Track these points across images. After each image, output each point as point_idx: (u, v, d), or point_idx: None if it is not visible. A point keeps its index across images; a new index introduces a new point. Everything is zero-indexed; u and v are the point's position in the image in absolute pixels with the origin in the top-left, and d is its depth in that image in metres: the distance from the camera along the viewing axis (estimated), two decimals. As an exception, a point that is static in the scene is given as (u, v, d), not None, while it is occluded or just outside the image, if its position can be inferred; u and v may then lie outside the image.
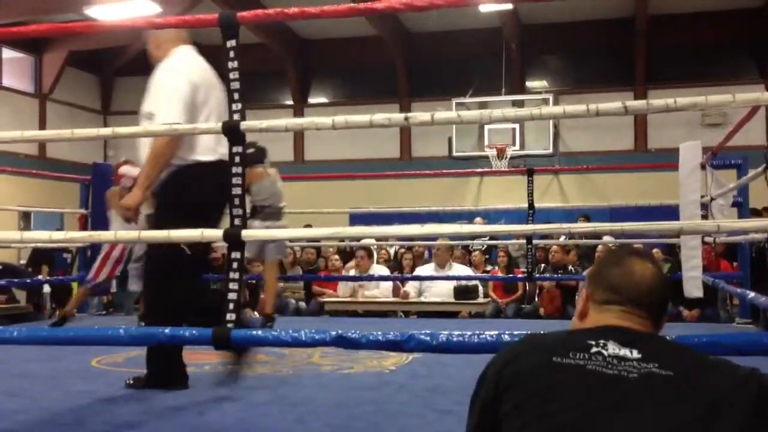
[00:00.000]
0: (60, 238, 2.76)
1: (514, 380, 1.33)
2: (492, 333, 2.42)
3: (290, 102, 14.84)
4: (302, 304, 8.50)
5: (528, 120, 2.49)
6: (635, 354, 1.32)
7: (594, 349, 1.33)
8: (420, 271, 8.10)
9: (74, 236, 2.89)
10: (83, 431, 2.92)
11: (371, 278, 7.85)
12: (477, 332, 2.46)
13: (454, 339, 2.46)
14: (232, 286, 2.81)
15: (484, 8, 11.57)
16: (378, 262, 8.54)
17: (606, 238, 8.00)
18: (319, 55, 14.74)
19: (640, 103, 2.51)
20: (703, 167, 5.56)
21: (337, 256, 8.84)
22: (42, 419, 3.09)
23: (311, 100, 15.05)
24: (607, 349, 1.33)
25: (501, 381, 1.35)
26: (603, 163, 11.51)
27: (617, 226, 2.44)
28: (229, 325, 2.74)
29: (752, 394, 1.27)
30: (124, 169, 5.88)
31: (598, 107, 2.37)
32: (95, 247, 6.89)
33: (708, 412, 1.24)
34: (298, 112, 14.42)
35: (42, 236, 2.77)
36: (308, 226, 8.74)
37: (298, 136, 14.30)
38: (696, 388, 1.27)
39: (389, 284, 8.05)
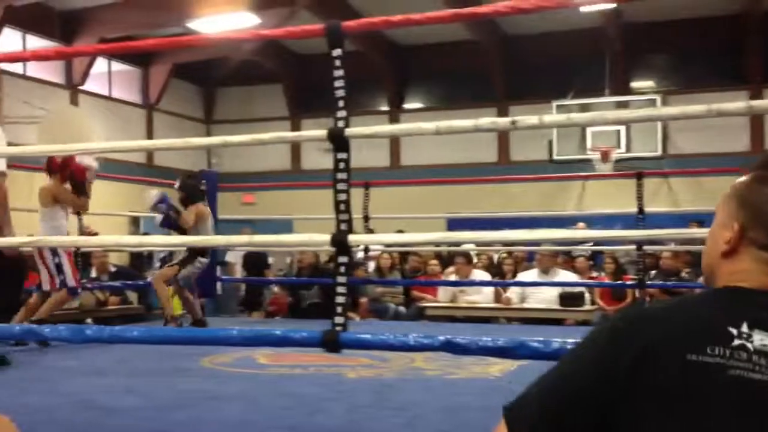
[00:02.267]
0: (176, 242, 2.85)
1: (645, 377, 1.05)
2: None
3: (386, 108, 14.94)
4: (401, 308, 8.52)
5: (644, 121, 2.41)
6: None
7: (736, 342, 1.05)
8: (523, 276, 7.98)
9: (189, 240, 2.98)
10: (198, 429, 3.02)
11: (471, 283, 7.79)
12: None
13: (568, 347, 2.39)
14: (340, 289, 2.84)
15: (585, 8, 11.33)
16: (478, 267, 8.47)
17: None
18: (415, 60, 14.80)
19: (766, 103, 2.38)
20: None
21: (435, 261, 8.82)
22: (158, 416, 3.20)
23: (407, 106, 15.11)
24: (752, 341, 1.06)
25: (636, 368, 1.06)
26: (716, 165, 11.05)
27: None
28: (338, 328, 2.77)
29: None
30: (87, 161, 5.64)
31: (720, 107, 2.28)
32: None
33: None
34: (394, 118, 14.50)
35: (159, 241, 2.87)
36: (400, 231, 8.75)
37: (395, 141, 14.38)
38: None
39: (490, 290, 7.96)
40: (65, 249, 5.40)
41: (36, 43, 11.98)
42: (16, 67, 11.75)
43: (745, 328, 1.07)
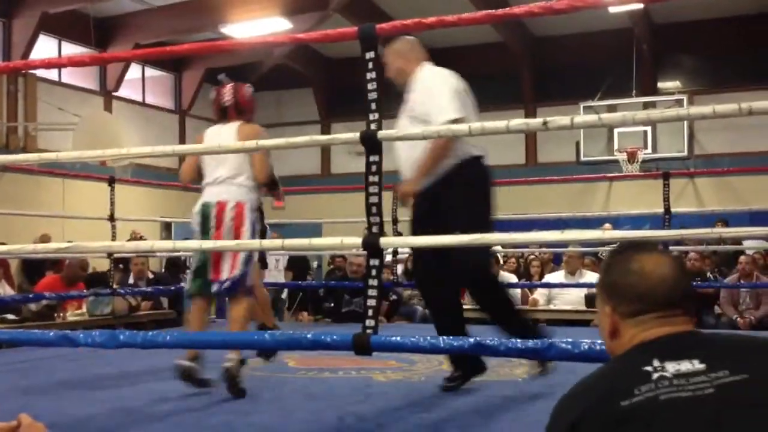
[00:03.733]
0: (210, 247, 2.90)
1: None
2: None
3: (415, 111, 14.95)
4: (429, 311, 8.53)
5: (675, 121, 2.41)
6: (698, 365, 1.23)
7: (655, 375, 1.22)
8: (550, 278, 7.96)
9: (224, 245, 3.02)
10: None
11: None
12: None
13: (597, 348, 2.40)
14: (371, 293, 2.86)
15: (614, 9, 11.27)
16: (504, 269, 8.46)
17: (749, 243, 7.62)
18: (442, 62, 14.66)
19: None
20: None
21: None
22: (191, 422, 3.24)
23: (435, 108, 15.11)
24: (667, 371, 1.23)
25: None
26: (742, 165, 10.94)
27: (771, 231, 2.34)
28: (369, 331, 2.79)
29: None
30: None
31: (751, 106, 2.26)
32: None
33: None
34: (423, 120, 14.51)
35: (193, 245, 2.92)
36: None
37: (423, 144, 14.37)
38: None
39: (517, 291, 7.94)
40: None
41: (71, 49, 12.20)
42: (51, 74, 11.97)
43: (657, 363, 1.25)
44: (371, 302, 2.80)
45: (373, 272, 2.83)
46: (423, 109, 3.57)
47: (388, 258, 8.45)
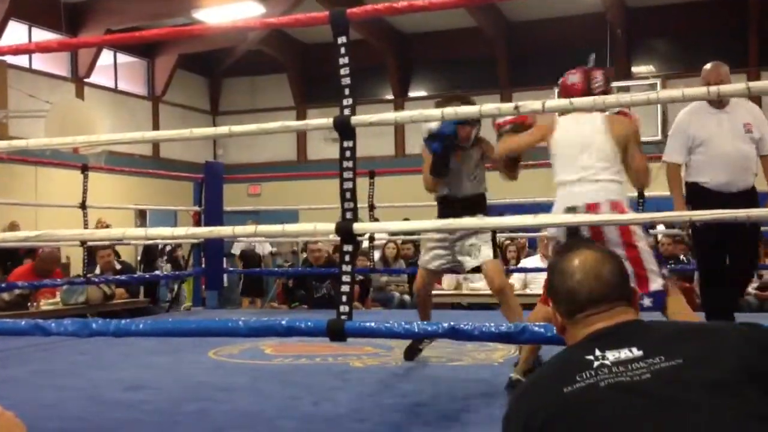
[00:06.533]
0: (182, 234, 2.87)
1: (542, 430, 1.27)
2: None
3: (390, 96, 14.92)
4: (406, 297, 8.54)
5: (645, 104, 2.42)
6: (637, 352, 1.29)
7: (596, 363, 1.30)
8: (526, 263, 8.00)
9: (196, 232, 2.99)
10: (208, 420, 3.05)
11: (474, 270, 7.79)
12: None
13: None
14: (345, 278, 2.85)
15: (587, -7, 11.31)
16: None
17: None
18: (419, 48, 14.77)
19: (763, 84, 2.39)
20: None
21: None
22: (167, 410, 3.23)
23: (411, 94, 15.09)
24: (607, 359, 1.30)
25: None
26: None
27: (742, 212, 2.36)
28: (343, 317, 2.78)
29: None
30: None
31: (720, 89, 2.28)
32: (209, 243, 7.13)
33: (739, 380, 1.23)
34: (399, 106, 14.49)
35: (165, 233, 2.89)
36: (406, 219, 8.72)
37: (399, 129, 14.37)
38: (714, 365, 1.25)
39: (494, 276, 7.97)
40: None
41: (42, 35, 12.01)
42: (22, 60, 11.78)
43: (598, 353, 1.31)
44: (345, 288, 2.80)
45: (347, 258, 2.83)
46: (759, 134, 4.32)
47: (366, 244, 8.44)
